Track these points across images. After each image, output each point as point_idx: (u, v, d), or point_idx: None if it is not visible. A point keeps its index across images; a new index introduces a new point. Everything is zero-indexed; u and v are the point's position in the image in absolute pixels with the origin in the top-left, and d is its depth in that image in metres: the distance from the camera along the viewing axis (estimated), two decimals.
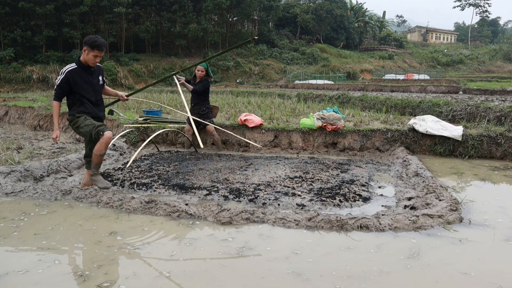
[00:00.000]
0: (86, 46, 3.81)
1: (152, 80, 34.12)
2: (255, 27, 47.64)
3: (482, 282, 2.30)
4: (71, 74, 3.84)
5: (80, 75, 3.88)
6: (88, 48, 3.80)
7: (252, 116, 7.02)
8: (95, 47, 3.79)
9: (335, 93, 16.28)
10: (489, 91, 17.47)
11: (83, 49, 3.84)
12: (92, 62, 3.86)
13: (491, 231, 3.05)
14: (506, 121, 7.62)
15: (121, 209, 3.52)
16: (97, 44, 3.79)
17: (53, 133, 4.03)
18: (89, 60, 3.85)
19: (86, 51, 3.82)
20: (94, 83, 4.02)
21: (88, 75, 3.94)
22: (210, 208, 3.36)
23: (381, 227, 3.02)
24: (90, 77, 3.96)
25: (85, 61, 3.88)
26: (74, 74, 3.85)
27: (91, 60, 3.85)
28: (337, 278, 2.32)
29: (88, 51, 3.82)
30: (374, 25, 60.53)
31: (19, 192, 3.92)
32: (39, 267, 2.47)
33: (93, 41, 3.78)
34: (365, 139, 6.38)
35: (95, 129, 3.87)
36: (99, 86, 4.12)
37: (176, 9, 36.70)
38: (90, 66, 3.92)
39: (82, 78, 3.89)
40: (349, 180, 4.66)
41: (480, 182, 4.66)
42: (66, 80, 3.83)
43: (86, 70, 3.93)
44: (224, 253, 2.68)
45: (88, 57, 3.84)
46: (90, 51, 3.81)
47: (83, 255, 2.66)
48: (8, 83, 27.97)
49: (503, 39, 67.31)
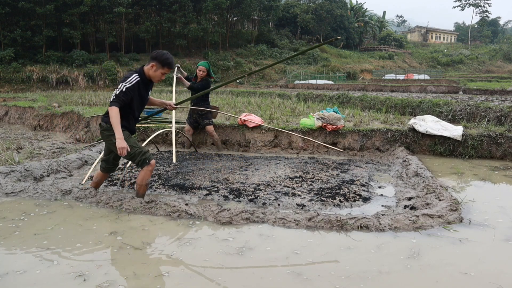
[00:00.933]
0: (156, 62, 3.52)
1: None
2: (255, 27, 47.66)
3: (482, 282, 2.30)
4: (138, 85, 3.53)
5: (139, 88, 3.56)
6: (158, 64, 3.53)
7: (252, 116, 7.03)
8: (166, 65, 3.55)
9: (335, 93, 16.28)
10: (489, 91, 17.47)
11: (151, 64, 3.53)
12: (157, 79, 3.60)
13: (491, 231, 3.05)
14: (506, 121, 7.62)
15: (121, 209, 3.51)
16: (169, 62, 3.55)
17: (120, 143, 3.39)
18: (156, 77, 3.58)
19: (155, 67, 3.53)
20: (145, 98, 3.73)
21: (145, 90, 3.64)
22: (210, 208, 3.36)
23: (381, 227, 3.02)
24: (145, 92, 3.67)
25: (150, 76, 3.59)
26: (138, 86, 3.54)
27: (157, 77, 3.59)
28: (337, 278, 2.32)
29: (157, 67, 3.54)
30: (374, 25, 60.54)
31: (19, 192, 3.92)
32: (39, 267, 2.47)
33: (165, 59, 3.53)
34: (365, 139, 6.38)
35: (142, 156, 3.54)
36: (146, 101, 3.82)
37: (176, 9, 36.70)
38: (151, 82, 3.65)
39: (140, 92, 3.59)
40: (349, 180, 4.66)
41: (480, 182, 4.66)
42: (133, 89, 3.49)
43: (146, 84, 3.63)
44: (224, 253, 2.68)
45: (156, 73, 3.56)
46: (159, 68, 3.54)
47: (83, 255, 2.66)
48: (8, 83, 27.97)
49: (503, 39, 67.32)
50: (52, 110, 10.19)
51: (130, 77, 3.51)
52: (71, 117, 9.42)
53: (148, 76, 3.60)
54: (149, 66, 3.56)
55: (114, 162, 3.89)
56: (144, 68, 3.61)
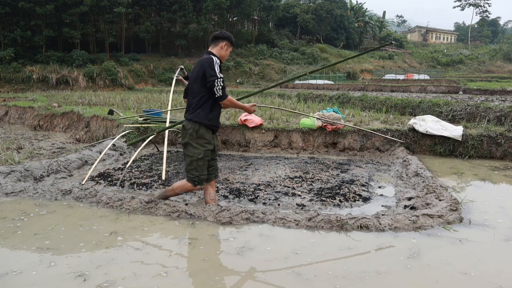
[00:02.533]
0: (227, 41, 3.37)
1: (152, 80, 34.13)
2: (255, 27, 47.63)
3: (482, 282, 2.30)
4: (220, 68, 3.32)
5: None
6: (229, 43, 3.39)
7: (252, 116, 7.03)
8: (232, 44, 3.45)
9: (335, 93, 16.28)
10: (489, 91, 17.46)
11: (223, 44, 3.36)
12: (225, 59, 3.44)
13: (491, 231, 3.05)
14: (506, 121, 7.61)
15: (121, 209, 3.51)
16: (233, 41, 3.47)
17: (249, 108, 3.52)
18: (225, 57, 3.42)
19: (226, 46, 3.38)
20: None
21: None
22: (210, 208, 3.36)
23: (381, 227, 3.01)
24: None
25: (221, 57, 3.38)
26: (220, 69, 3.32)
27: (226, 57, 3.43)
28: (337, 278, 2.32)
29: (227, 46, 3.39)
30: (374, 25, 60.52)
31: (19, 192, 3.92)
32: (39, 267, 2.47)
33: (232, 37, 3.43)
34: (365, 139, 6.38)
35: (196, 172, 3.32)
36: None
37: (176, 9, 36.68)
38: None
39: None
40: (349, 180, 4.66)
41: (480, 182, 4.66)
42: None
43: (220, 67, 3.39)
44: (224, 253, 2.68)
45: (227, 53, 3.41)
46: (229, 47, 3.41)
47: (83, 255, 2.66)
48: (8, 83, 27.94)
49: (503, 39, 67.30)
50: (52, 110, 10.19)
51: (211, 61, 3.24)
52: (71, 117, 9.42)
53: (220, 57, 3.39)
54: (220, 47, 3.37)
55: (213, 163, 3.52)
56: (213, 51, 3.38)
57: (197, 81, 3.28)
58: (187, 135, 3.32)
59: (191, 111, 3.33)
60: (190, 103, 3.36)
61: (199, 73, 3.26)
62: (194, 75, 3.33)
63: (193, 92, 3.34)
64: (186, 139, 3.34)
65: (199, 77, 3.26)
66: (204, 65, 3.25)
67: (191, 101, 3.35)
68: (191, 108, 3.33)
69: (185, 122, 3.36)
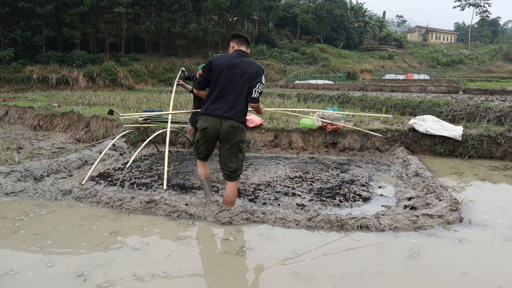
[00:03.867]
0: (236, 39, 3.41)
1: (152, 80, 34.12)
2: (255, 27, 47.62)
3: (482, 282, 2.30)
4: None
5: None
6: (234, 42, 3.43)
7: (252, 116, 7.02)
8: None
9: (335, 93, 16.27)
10: (489, 91, 17.45)
11: (247, 45, 3.43)
12: None
13: (491, 231, 3.05)
14: (506, 121, 7.61)
15: (121, 209, 3.51)
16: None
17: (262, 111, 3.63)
18: None
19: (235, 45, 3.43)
20: None
21: None
22: (210, 208, 3.36)
23: (381, 227, 3.01)
24: None
25: None
26: None
27: None
28: (337, 278, 2.32)
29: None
30: (374, 25, 60.50)
31: (19, 192, 3.92)
32: (39, 267, 2.47)
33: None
34: (365, 139, 6.38)
35: (242, 167, 3.45)
36: None
37: (176, 9, 36.67)
38: None
39: None
40: (349, 180, 4.66)
41: (480, 182, 4.66)
42: None
43: None
44: (224, 253, 2.68)
45: None
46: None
47: (83, 255, 2.66)
48: (8, 83, 27.94)
49: (503, 39, 67.27)
50: (52, 110, 10.20)
51: (260, 68, 3.32)
52: (71, 117, 9.43)
53: None
54: (247, 47, 3.44)
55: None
56: (247, 52, 3.43)
57: (248, 82, 3.24)
58: (241, 134, 3.30)
59: (239, 111, 3.27)
60: (234, 102, 3.26)
61: (251, 75, 3.24)
62: (241, 75, 3.25)
63: (237, 91, 3.26)
64: (240, 138, 3.30)
65: (249, 79, 3.24)
66: (259, 70, 3.28)
67: (235, 100, 3.26)
68: (238, 108, 3.27)
69: (233, 122, 3.25)
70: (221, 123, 3.24)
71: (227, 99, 3.26)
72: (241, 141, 3.33)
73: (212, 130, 3.28)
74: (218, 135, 3.30)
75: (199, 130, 3.38)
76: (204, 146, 3.42)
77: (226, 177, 3.43)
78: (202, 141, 3.40)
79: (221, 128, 3.25)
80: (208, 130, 3.29)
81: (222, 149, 3.38)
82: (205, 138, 3.36)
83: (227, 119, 3.24)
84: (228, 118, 3.24)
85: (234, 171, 3.37)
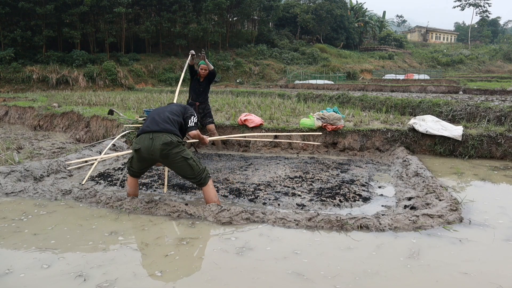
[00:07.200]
0: None
1: (152, 80, 34.12)
2: (255, 27, 47.62)
3: (482, 282, 2.30)
4: None
5: None
6: None
7: (252, 116, 7.03)
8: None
9: (335, 93, 16.27)
10: (489, 91, 17.44)
11: None
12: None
13: (491, 231, 3.05)
14: (506, 121, 7.61)
15: (121, 209, 3.51)
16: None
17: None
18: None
19: None
20: None
21: None
22: (210, 208, 3.36)
23: (381, 227, 3.01)
24: None
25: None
26: None
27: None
28: (337, 278, 2.32)
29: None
30: (374, 25, 60.50)
31: (19, 192, 3.92)
32: (39, 267, 2.47)
33: None
34: (365, 139, 6.38)
35: (204, 172, 3.57)
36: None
37: (176, 9, 36.67)
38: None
39: None
40: (349, 180, 4.66)
41: (480, 182, 4.66)
42: None
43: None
44: (224, 253, 2.68)
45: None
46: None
47: (83, 255, 2.66)
48: (8, 83, 27.94)
49: (503, 39, 67.27)
50: (52, 110, 10.20)
51: None
52: (71, 117, 9.43)
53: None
54: None
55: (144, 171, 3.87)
56: None
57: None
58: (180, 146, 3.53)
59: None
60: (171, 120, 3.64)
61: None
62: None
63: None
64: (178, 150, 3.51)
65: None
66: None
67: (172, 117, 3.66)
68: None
69: (172, 136, 3.49)
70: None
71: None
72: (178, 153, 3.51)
73: (146, 152, 3.51)
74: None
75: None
76: (139, 165, 3.68)
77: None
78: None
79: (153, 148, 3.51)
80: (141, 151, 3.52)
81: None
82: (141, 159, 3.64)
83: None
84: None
85: (196, 176, 3.51)
